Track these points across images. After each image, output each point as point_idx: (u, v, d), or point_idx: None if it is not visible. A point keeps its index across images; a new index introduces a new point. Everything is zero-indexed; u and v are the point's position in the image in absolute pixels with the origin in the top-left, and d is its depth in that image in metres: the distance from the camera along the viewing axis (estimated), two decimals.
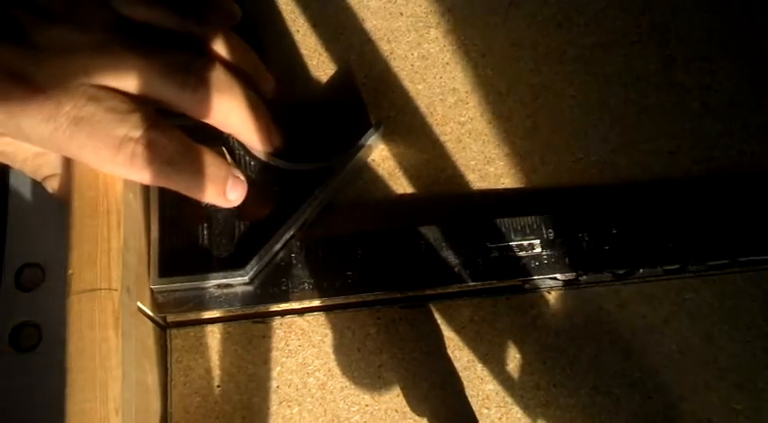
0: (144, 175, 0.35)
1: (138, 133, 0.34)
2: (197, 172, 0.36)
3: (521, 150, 0.41)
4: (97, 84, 0.34)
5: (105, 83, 0.34)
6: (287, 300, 0.38)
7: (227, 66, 0.37)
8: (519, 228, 0.39)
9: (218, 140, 0.38)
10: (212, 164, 0.37)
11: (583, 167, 0.41)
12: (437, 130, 0.42)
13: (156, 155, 0.35)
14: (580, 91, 0.42)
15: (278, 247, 0.38)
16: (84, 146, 0.34)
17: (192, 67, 0.36)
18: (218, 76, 0.36)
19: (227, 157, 0.38)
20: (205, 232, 0.38)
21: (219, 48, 0.38)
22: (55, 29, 0.34)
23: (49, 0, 0.35)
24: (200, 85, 0.36)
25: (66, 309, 0.33)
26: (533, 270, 0.38)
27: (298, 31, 0.44)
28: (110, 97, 0.34)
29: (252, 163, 0.39)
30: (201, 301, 0.38)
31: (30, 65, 0.33)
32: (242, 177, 0.38)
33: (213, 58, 0.37)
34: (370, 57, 0.43)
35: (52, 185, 0.38)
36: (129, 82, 0.35)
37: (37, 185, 0.40)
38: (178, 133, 0.36)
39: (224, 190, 0.37)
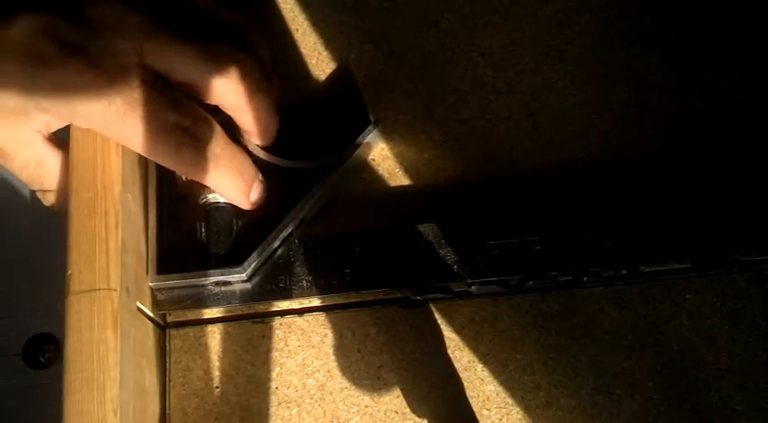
0: (184, 166, 0.35)
1: (187, 122, 0.34)
2: (232, 170, 0.36)
3: (521, 150, 0.41)
4: (146, 65, 0.34)
5: (153, 66, 0.34)
6: (285, 297, 0.38)
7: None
8: (519, 225, 0.38)
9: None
10: (245, 163, 0.37)
11: (584, 167, 0.40)
12: (437, 129, 0.41)
13: (200, 147, 0.35)
14: (581, 90, 0.42)
15: (276, 244, 0.38)
16: (134, 128, 0.34)
17: (236, 59, 0.35)
18: (258, 71, 0.36)
19: None
20: (203, 230, 0.38)
21: (254, 42, 0.38)
22: (107, 5, 0.34)
23: None
24: (242, 78, 0.36)
25: (64, 309, 0.32)
26: (534, 267, 0.38)
27: (297, 29, 0.44)
28: (160, 82, 0.34)
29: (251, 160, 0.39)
30: (199, 299, 0.38)
31: (84, 38, 0.33)
32: (263, 179, 0.38)
33: (252, 52, 0.37)
34: (370, 56, 0.43)
35: (49, 199, 0.38)
36: (175, 67, 0.35)
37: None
38: (220, 129, 0.36)
39: (249, 191, 0.37)
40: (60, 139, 0.36)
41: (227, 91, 0.36)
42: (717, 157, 0.40)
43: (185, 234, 0.38)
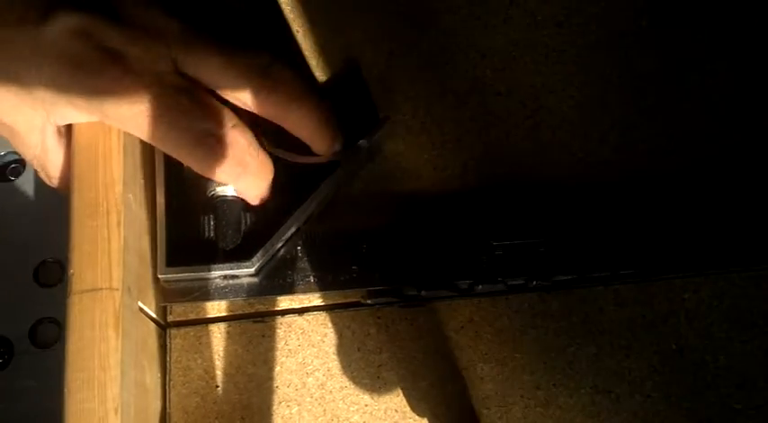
0: (215, 171, 0.35)
1: (221, 130, 0.35)
2: (260, 177, 0.37)
3: (521, 150, 0.41)
4: (182, 72, 0.34)
5: (190, 74, 0.35)
6: (292, 292, 0.38)
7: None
8: (521, 227, 0.39)
9: None
10: (271, 170, 0.37)
11: (583, 167, 0.41)
12: (437, 130, 0.42)
13: (232, 154, 0.35)
14: (580, 91, 0.42)
15: (284, 239, 0.38)
16: (165, 133, 0.34)
17: (270, 70, 0.36)
18: (294, 81, 0.36)
19: None
20: (212, 223, 0.38)
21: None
22: (146, 11, 0.34)
23: None
24: (276, 89, 0.36)
25: (66, 308, 0.33)
26: (536, 269, 0.38)
27: (298, 30, 0.44)
28: (195, 89, 0.34)
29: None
30: (207, 292, 0.38)
31: (121, 43, 0.33)
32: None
33: (287, 63, 0.37)
34: (370, 56, 0.43)
35: (52, 182, 0.38)
36: (211, 78, 0.35)
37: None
38: (251, 136, 0.36)
39: (267, 193, 0.38)
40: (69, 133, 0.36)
41: (263, 104, 0.36)
42: (716, 157, 0.40)
43: (195, 227, 0.38)
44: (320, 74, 0.43)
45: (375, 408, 0.38)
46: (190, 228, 0.38)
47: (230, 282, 0.38)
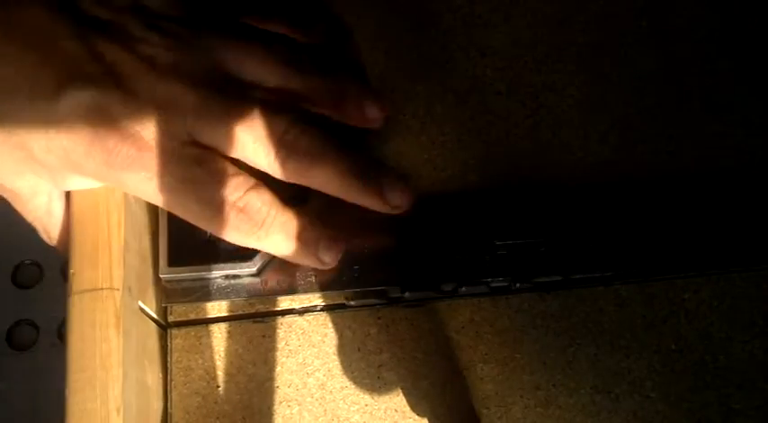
0: (236, 237, 0.35)
1: (235, 196, 0.34)
2: (286, 236, 0.36)
3: (521, 150, 0.41)
4: (198, 143, 0.34)
5: (205, 143, 0.34)
6: (293, 292, 0.38)
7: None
8: (522, 227, 0.39)
9: None
10: (303, 227, 0.36)
11: (582, 167, 0.41)
12: (437, 130, 0.42)
13: (250, 218, 0.35)
14: (580, 91, 0.42)
15: None
16: (186, 206, 0.34)
17: (285, 135, 0.35)
18: (313, 143, 0.35)
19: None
20: None
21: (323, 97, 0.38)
22: (160, 82, 0.33)
23: (153, 45, 0.34)
24: (291, 156, 0.35)
25: (67, 308, 0.33)
26: (536, 269, 0.38)
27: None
28: (211, 159, 0.34)
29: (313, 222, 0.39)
30: (209, 291, 0.38)
31: (135, 118, 0.32)
32: (338, 237, 0.37)
33: (309, 123, 0.36)
34: (370, 57, 0.43)
35: (52, 242, 0.37)
36: (226, 146, 0.35)
37: None
38: (270, 197, 0.35)
39: (315, 252, 0.36)
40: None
41: (279, 169, 0.35)
42: (715, 157, 0.40)
43: (196, 227, 0.38)
44: None
45: (375, 408, 0.38)
46: (191, 227, 0.38)
47: (232, 282, 0.38)
